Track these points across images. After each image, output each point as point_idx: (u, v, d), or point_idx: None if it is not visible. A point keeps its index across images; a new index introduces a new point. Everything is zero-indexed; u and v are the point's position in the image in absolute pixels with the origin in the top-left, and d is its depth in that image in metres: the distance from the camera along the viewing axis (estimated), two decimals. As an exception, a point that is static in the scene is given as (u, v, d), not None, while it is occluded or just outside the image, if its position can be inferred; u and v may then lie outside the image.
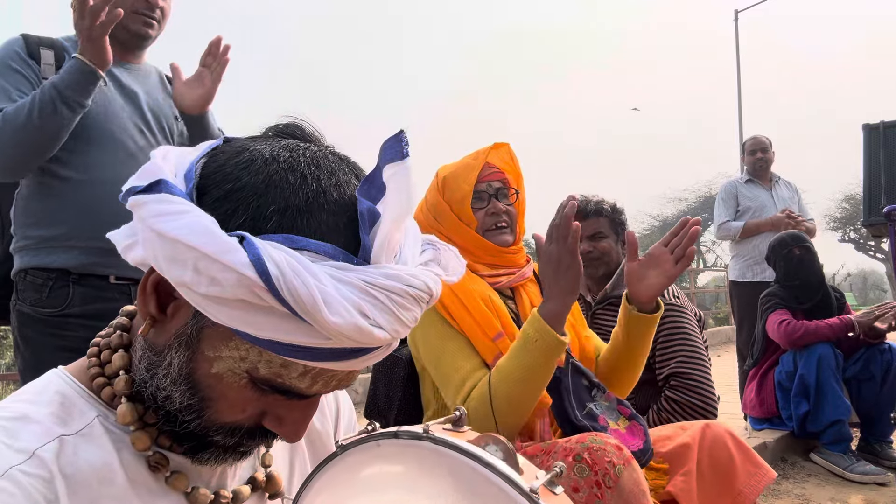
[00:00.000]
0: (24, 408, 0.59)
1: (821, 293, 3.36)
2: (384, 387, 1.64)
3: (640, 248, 1.49)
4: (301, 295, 0.48)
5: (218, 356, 0.56)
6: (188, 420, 0.59)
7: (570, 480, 1.11)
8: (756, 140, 4.29)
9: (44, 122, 1.42)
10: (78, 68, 1.44)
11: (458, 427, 0.54)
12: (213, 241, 0.49)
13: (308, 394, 0.58)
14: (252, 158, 0.57)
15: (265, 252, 0.49)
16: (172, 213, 0.51)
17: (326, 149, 0.62)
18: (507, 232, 1.56)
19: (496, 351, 1.40)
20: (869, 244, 24.51)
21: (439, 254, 0.62)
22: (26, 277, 1.53)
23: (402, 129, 0.58)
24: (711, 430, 1.41)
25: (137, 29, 1.64)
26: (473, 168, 1.54)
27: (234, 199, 0.54)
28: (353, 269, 0.52)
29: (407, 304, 0.54)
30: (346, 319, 0.50)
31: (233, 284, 0.49)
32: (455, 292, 1.44)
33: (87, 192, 1.53)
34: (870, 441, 3.34)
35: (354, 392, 5.34)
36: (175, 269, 0.51)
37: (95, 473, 0.58)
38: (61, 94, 1.43)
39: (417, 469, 0.52)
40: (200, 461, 0.63)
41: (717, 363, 4.92)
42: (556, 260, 1.31)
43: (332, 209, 0.55)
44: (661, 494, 1.34)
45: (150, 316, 0.59)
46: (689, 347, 1.92)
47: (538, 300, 1.56)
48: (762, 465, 1.39)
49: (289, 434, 0.61)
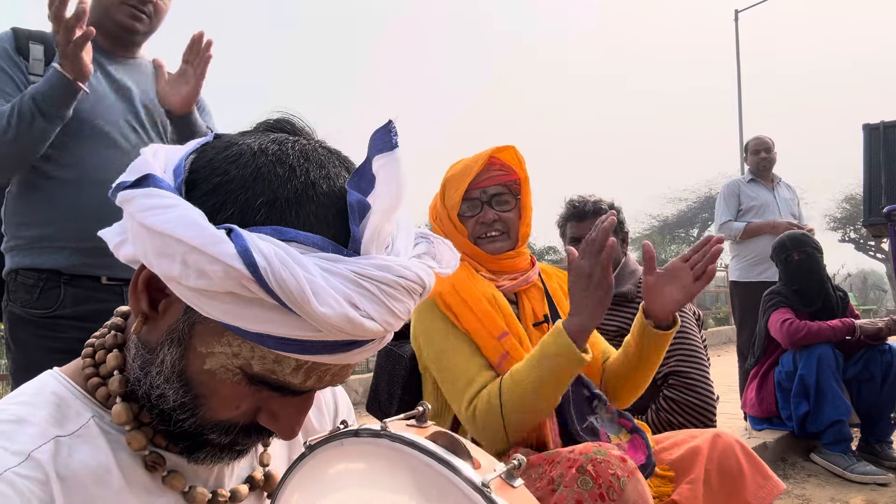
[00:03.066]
0: (20, 410, 0.58)
1: (820, 300, 3.35)
2: (386, 383, 1.64)
3: (640, 248, 1.48)
4: (289, 286, 0.48)
5: (210, 352, 0.56)
6: (182, 419, 0.59)
7: (574, 493, 1.10)
8: (759, 140, 4.29)
9: (21, 133, 1.41)
10: (57, 81, 1.42)
11: (421, 422, 0.55)
12: (201, 234, 0.49)
13: (302, 389, 0.58)
14: (240, 152, 0.57)
15: (252, 243, 0.49)
16: (160, 207, 0.50)
17: (316, 142, 0.62)
18: (498, 240, 1.54)
19: (501, 350, 1.39)
20: (869, 244, 24.50)
21: (433, 246, 0.61)
22: (17, 278, 1.51)
23: (390, 119, 0.57)
24: (721, 439, 1.39)
25: (122, 20, 1.60)
26: (469, 174, 1.52)
27: (223, 193, 0.54)
28: (343, 261, 0.52)
29: (398, 296, 0.54)
30: (335, 310, 0.49)
31: (221, 277, 0.48)
32: (459, 291, 1.44)
33: (77, 192, 1.51)
34: (870, 441, 3.34)
35: (354, 392, 5.34)
36: (164, 263, 0.51)
37: (91, 474, 0.58)
38: (39, 107, 1.41)
39: (378, 466, 0.53)
40: (197, 461, 0.62)
41: (717, 363, 4.92)
42: (588, 275, 1.30)
43: (322, 201, 0.55)
44: (667, 502, 1.33)
45: (142, 313, 0.58)
46: (688, 346, 1.92)
47: (541, 305, 1.55)
48: (771, 476, 1.37)
49: (284, 431, 0.60)
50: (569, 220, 2.19)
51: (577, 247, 2.11)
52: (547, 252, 15.96)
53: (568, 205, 2.19)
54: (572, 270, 1.34)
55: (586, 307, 1.30)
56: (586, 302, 1.30)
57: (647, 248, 1.42)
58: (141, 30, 1.64)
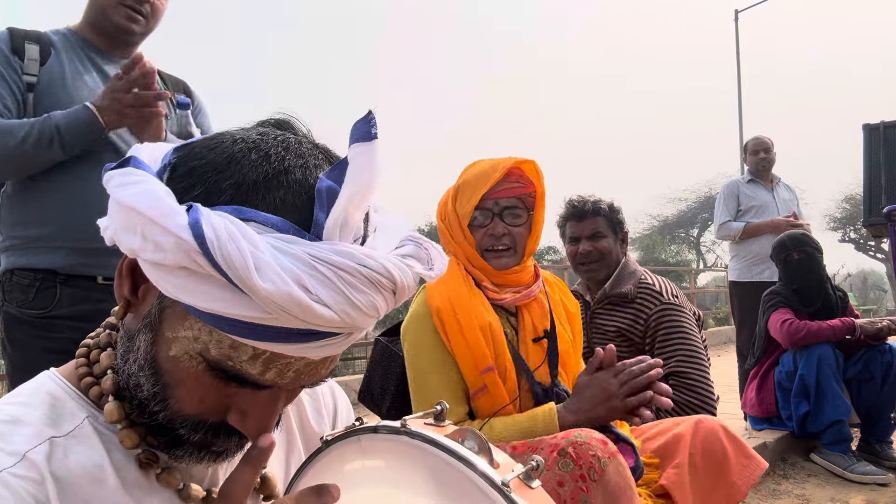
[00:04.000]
0: (16, 410, 0.59)
1: (820, 300, 3.35)
2: (379, 378, 1.65)
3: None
4: (234, 260, 0.48)
5: (175, 337, 0.56)
6: (156, 411, 0.59)
7: (555, 475, 1.11)
8: (759, 140, 4.29)
9: (36, 153, 1.43)
10: (88, 121, 1.44)
11: (440, 421, 0.55)
12: (157, 206, 0.50)
13: (262, 382, 0.56)
14: (221, 140, 0.58)
15: (205, 217, 0.49)
16: (129, 184, 0.52)
17: (304, 137, 0.62)
18: (505, 255, 1.52)
19: (481, 383, 1.41)
20: (869, 244, 24.51)
21: (421, 249, 0.60)
22: (12, 278, 1.51)
23: (370, 109, 0.57)
24: (704, 424, 1.40)
25: (118, 21, 1.59)
26: (486, 183, 1.49)
27: (195, 175, 0.56)
28: (300, 242, 0.51)
29: (360, 286, 0.52)
30: (278, 287, 0.49)
31: (172, 249, 0.49)
32: (456, 312, 1.43)
33: (73, 192, 1.50)
34: (870, 441, 3.33)
35: (354, 392, 5.33)
36: (127, 236, 0.52)
37: (86, 475, 0.58)
38: (61, 137, 1.43)
39: (395, 463, 0.53)
40: (176, 458, 0.62)
41: (717, 363, 4.91)
42: (608, 396, 1.31)
43: (293, 188, 0.55)
44: (655, 488, 1.34)
45: (125, 299, 0.60)
46: (688, 347, 1.92)
47: (541, 319, 1.53)
48: (754, 456, 1.39)
49: (252, 430, 0.60)
50: (568, 219, 2.18)
51: (576, 246, 2.14)
52: (547, 252, 15.97)
53: (568, 204, 2.19)
54: (595, 377, 1.34)
55: (588, 414, 1.32)
56: (591, 412, 1.32)
57: (608, 352, 1.36)
58: (137, 31, 1.63)
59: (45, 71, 1.52)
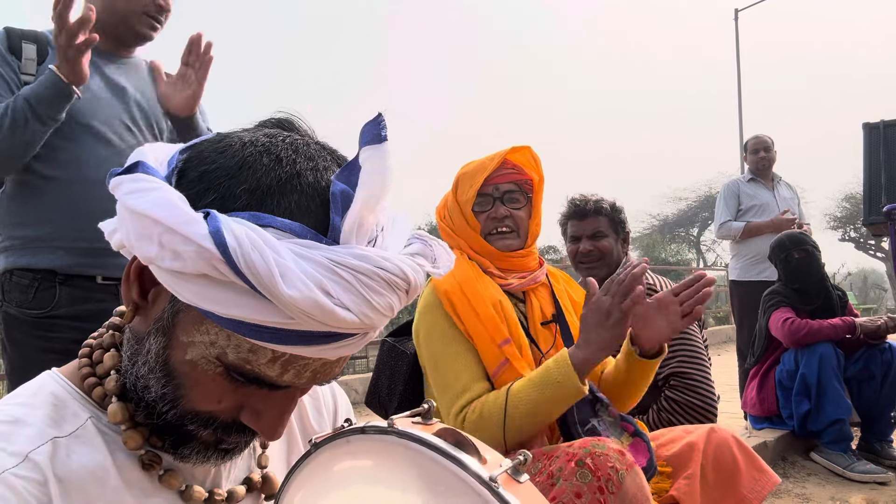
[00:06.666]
0: (18, 411, 0.58)
1: (821, 298, 3.35)
2: (387, 378, 1.64)
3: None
4: (258, 267, 0.48)
5: (191, 342, 0.55)
6: (165, 410, 0.59)
7: (573, 486, 1.10)
8: (759, 139, 4.29)
9: (14, 135, 1.41)
10: (52, 83, 1.41)
11: (427, 420, 0.55)
12: (176, 214, 0.49)
13: (280, 384, 0.57)
14: (230, 143, 0.58)
15: (225, 225, 0.49)
16: (142, 190, 0.52)
17: (311, 139, 0.62)
18: (509, 237, 1.55)
19: (501, 357, 1.40)
20: (869, 243, 24.51)
21: (427, 247, 0.60)
22: (12, 278, 1.51)
23: (379, 112, 0.57)
24: (717, 434, 1.40)
25: (144, 32, 1.63)
26: (484, 170, 1.53)
27: (207, 180, 0.55)
28: (319, 247, 0.51)
29: (378, 288, 0.53)
30: (303, 293, 0.49)
31: (193, 257, 0.49)
32: (465, 293, 1.44)
33: (72, 192, 1.50)
34: (870, 440, 3.33)
35: (354, 392, 5.33)
36: (143, 244, 0.51)
37: (89, 475, 0.58)
38: (33, 109, 1.40)
39: (385, 462, 0.53)
40: (182, 457, 0.62)
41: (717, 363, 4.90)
42: (606, 313, 1.31)
43: (306, 191, 0.55)
44: (665, 498, 1.33)
45: (133, 303, 0.59)
46: (689, 347, 1.92)
47: (548, 304, 1.55)
48: (766, 470, 1.38)
49: (267, 430, 0.60)
50: (570, 218, 2.18)
51: (577, 245, 2.14)
52: (547, 251, 15.96)
53: (569, 203, 2.19)
54: (591, 304, 1.34)
55: (596, 343, 1.31)
56: (597, 338, 1.31)
57: (639, 289, 1.34)
58: (154, 38, 1.66)
59: (42, 70, 1.52)
